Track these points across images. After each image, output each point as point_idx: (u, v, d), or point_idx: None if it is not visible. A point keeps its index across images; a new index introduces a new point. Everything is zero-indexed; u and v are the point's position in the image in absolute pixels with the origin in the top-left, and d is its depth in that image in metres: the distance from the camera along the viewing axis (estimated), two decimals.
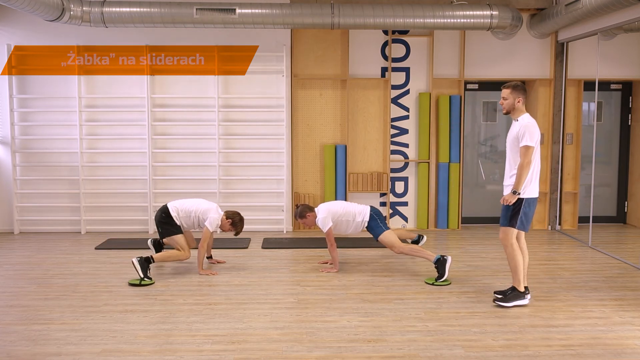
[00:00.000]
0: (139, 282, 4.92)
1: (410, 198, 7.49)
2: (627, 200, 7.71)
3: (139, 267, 4.93)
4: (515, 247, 4.38)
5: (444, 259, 5.00)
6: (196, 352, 3.55)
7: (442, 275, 4.98)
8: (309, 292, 4.78)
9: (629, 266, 5.61)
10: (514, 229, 4.35)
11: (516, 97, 4.35)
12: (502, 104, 4.41)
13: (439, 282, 4.97)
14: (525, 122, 4.28)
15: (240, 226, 5.41)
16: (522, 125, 4.27)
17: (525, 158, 4.22)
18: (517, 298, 4.39)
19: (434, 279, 5.03)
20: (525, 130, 4.23)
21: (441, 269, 4.99)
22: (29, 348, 3.61)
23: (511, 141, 4.36)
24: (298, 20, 6.37)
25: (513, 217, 4.33)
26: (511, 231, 4.36)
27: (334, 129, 7.31)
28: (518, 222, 4.33)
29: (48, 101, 7.08)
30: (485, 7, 6.51)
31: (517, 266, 4.38)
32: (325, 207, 5.40)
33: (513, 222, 4.34)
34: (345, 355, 3.52)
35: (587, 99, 7.46)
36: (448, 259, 5.01)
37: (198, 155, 7.20)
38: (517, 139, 4.28)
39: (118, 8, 6.25)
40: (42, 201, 7.17)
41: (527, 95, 4.47)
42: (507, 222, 4.37)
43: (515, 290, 4.41)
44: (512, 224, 4.35)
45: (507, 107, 4.38)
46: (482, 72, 7.32)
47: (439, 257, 5.03)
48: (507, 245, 4.39)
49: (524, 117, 4.34)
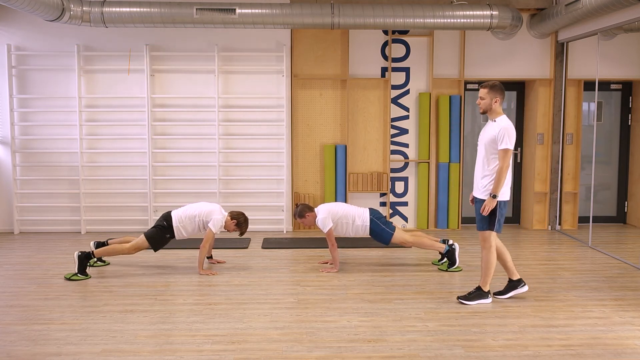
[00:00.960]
0: (69, 276, 5.03)
1: (410, 198, 7.49)
2: (627, 200, 7.71)
3: (77, 262, 5.05)
4: (493, 249, 4.41)
5: (453, 248, 5.35)
6: (196, 352, 3.55)
7: (453, 263, 5.38)
8: (309, 292, 4.78)
9: (629, 266, 5.61)
10: (492, 232, 4.37)
11: (493, 97, 4.32)
12: (479, 103, 4.37)
13: (452, 269, 5.34)
14: (505, 124, 4.24)
15: (245, 226, 5.41)
16: (501, 128, 4.22)
17: (505, 161, 4.19)
18: (481, 297, 4.44)
19: (446, 265, 5.37)
20: (505, 133, 4.20)
21: (452, 258, 5.35)
22: (29, 348, 3.61)
23: (487, 142, 4.30)
24: (298, 20, 6.37)
25: (491, 221, 4.33)
26: (490, 234, 4.37)
27: (334, 129, 7.31)
28: (496, 225, 4.34)
29: (48, 101, 7.08)
30: (485, 7, 6.51)
31: (491, 268, 4.42)
32: (325, 208, 5.40)
33: (492, 226, 4.34)
34: (345, 355, 3.52)
35: (587, 99, 7.46)
36: (456, 246, 5.38)
37: (198, 155, 7.20)
38: (495, 141, 4.24)
39: (118, 8, 6.25)
40: (42, 201, 7.17)
41: (504, 96, 4.40)
42: (486, 226, 4.35)
43: (480, 290, 4.46)
44: (491, 228, 4.35)
45: (484, 106, 4.35)
46: (482, 72, 7.32)
47: (448, 248, 5.36)
48: (487, 248, 4.39)
49: (503, 119, 4.30)
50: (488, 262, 4.41)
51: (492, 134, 4.28)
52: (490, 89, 4.33)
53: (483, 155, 4.36)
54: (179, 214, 5.32)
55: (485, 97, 4.34)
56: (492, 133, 4.28)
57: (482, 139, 4.38)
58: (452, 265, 5.38)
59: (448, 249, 5.38)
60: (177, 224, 5.27)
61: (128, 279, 5.10)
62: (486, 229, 4.36)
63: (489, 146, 4.30)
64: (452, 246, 5.40)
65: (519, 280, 4.61)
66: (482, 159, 4.37)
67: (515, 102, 7.68)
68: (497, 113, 4.34)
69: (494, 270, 4.45)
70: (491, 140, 4.28)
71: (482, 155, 4.38)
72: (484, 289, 4.46)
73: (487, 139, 4.31)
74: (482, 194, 4.37)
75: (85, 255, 5.09)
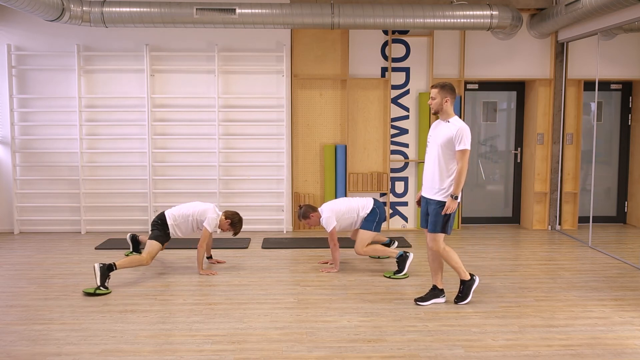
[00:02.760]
0: (94, 290, 4.66)
1: (410, 198, 7.49)
2: (627, 200, 7.71)
3: (99, 274, 4.69)
4: (448, 249, 4.41)
5: (406, 255, 5.25)
6: (196, 352, 3.56)
7: (401, 270, 5.23)
8: (309, 292, 4.78)
9: (629, 266, 5.61)
10: (443, 235, 4.36)
11: (444, 97, 4.26)
12: (431, 103, 4.33)
13: (397, 275, 5.19)
14: (460, 124, 4.20)
15: (238, 227, 5.40)
16: (458, 129, 4.17)
17: (465, 162, 4.16)
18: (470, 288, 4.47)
19: (392, 272, 5.26)
20: (462, 134, 4.16)
21: (402, 264, 5.23)
22: (29, 348, 3.61)
23: (443, 143, 4.23)
24: (298, 20, 6.37)
25: (446, 224, 4.32)
26: (442, 237, 4.36)
27: (334, 129, 7.31)
28: (449, 227, 4.35)
29: (48, 101, 7.08)
30: (485, 7, 6.51)
31: (457, 260, 4.43)
32: (329, 207, 5.42)
33: (446, 228, 4.33)
34: (345, 355, 3.52)
35: (587, 99, 7.46)
36: (410, 255, 5.26)
37: (198, 155, 7.20)
38: (451, 142, 4.19)
39: (118, 8, 6.25)
40: (42, 201, 7.17)
41: (455, 96, 4.33)
42: (440, 229, 4.32)
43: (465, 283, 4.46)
44: (444, 230, 4.33)
45: (435, 107, 4.30)
46: (482, 72, 7.33)
47: (402, 253, 5.27)
48: (439, 249, 4.37)
49: (456, 120, 4.26)
50: (452, 261, 4.41)
51: (447, 135, 4.21)
52: (441, 88, 4.27)
53: (436, 156, 4.29)
54: (172, 213, 5.32)
55: (436, 97, 4.29)
56: (447, 134, 4.21)
57: (436, 140, 4.30)
58: (399, 272, 5.20)
59: (401, 254, 5.25)
60: (171, 223, 5.27)
61: (128, 279, 5.10)
62: (439, 231, 4.33)
63: (445, 147, 4.24)
64: (407, 253, 5.26)
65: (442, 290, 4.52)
66: (435, 159, 4.30)
67: (515, 102, 7.68)
68: (448, 114, 4.29)
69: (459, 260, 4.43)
70: (447, 141, 4.21)
71: (434, 155, 4.30)
72: (467, 278, 4.45)
73: (442, 140, 4.24)
74: (437, 194, 4.30)
75: (107, 266, 4.77)
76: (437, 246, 4.37)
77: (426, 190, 4.42)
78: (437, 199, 4.31)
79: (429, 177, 4.37)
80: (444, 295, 4.51)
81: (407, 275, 5.21)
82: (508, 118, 7.75)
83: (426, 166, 4.41)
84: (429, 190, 4.39)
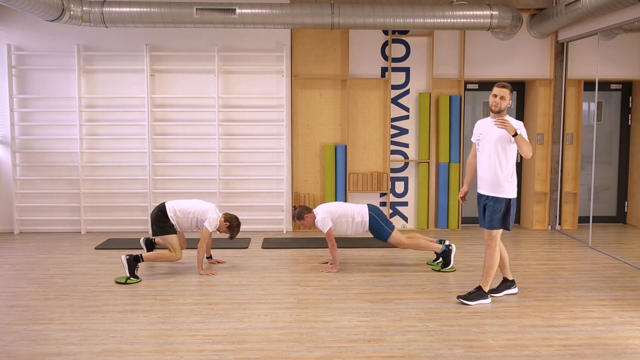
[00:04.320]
0: (125, 280, 4.96)
1: (410, 198, 7.49)
2: (627, 200, 7.71)
3: (127, 266, 4.97)
4: (498, 249, 4.43)
5: (449, 249, 5.35)
6: (196, 352, 3.56)
7: (447, 263, 5.39)
8: (309, 292, 4.78)
9: (629, 266, 5.61)
10: (500, 231, 4.39)
11: (510, 98, 4.39)
12: (499, 103, 4.36)
13: (445, 269, 5.38)
14: (513, 120, 4.32)
15: (236, 231, 5.40)
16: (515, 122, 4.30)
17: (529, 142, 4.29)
18: (481, 298, 4.44)
19: (439, 266, 5.38)
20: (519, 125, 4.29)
21: (447, 258, 5.36)
22: (29, 348, 3.61)
23: (498, 140, 4.31)
24: (298, 20, 6.37)
25: (505, 219, 4.35)
26: (498, 233, 4.39)
27: (334, 129, 7.31)
28: (509, 223, 4.38)
29: (48, 101, 7.08)
30: (485, 7, 6.51)
31: (494, 268, 4.43)
32: (323, 208, 5.41)
33: (506, 224, 4.37)
34: (345, 355, 3.52)
35: (587, 99, 7.46)
36: (453, 247, 5.37)
37: (198, 155, 7.20)
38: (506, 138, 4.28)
39: (118, 8, 6.25)
40: (42, 201, 7.17)
41: None
42: (497, 225, 4.36)
43: (480, 289, 4.46)
44: (504, 226, 4.37)
45: (503, 106, 4.37)
46: (482, 72, 7.33)
47: (444, 248, 5.36)
48: (492, 247, 4.40)
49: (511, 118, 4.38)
50: (492, 261, 4.42)
51: (503, 132, 4.29)
52: (511, 91, 4.40)
53: (490, 153, 4.36)
54: (173, 207, 5.32)
55: (506, 98, 4.37)
56: (502, 130, 4.29)
57: (489, 137, 4.37)
58: (446, 266, 5.38)
59: (444, 249, 5.38)
60: (171, 215, 5.27)
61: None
62: (496, 227, 4.37)
63: (500, 143, 4.32)
64: (449, 247, 5.40)
65: (512, 280, 4.69)
66: (489, 156, 4.37)
67: (515, 102, 7.67)
68: (504, 113, 4.43)
69: (495, 268, 4.45)
70: (502, 137, 4.30)
71: (489, 153, 4.37)
72: (485, 289, 4.46)
73: (496, 137, 4.32)
74: (494, 191, 4.36)
75: (135, 257, 5.02)
76: (490, 241, 4.40)
77: (482, 187, 4.48)
78: (494, 195, 4.36)
79: (484, 174, 4.43)
80: (515, 286, 4.66)
81: (454, 268, 5.38)
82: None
83: (480, 164, 4.47)
84: (485, 188, 4.45)
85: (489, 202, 4.41)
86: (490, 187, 4.39)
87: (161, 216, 5.28)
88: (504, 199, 4.34)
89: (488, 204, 4.41)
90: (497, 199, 4.35)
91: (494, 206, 4.36)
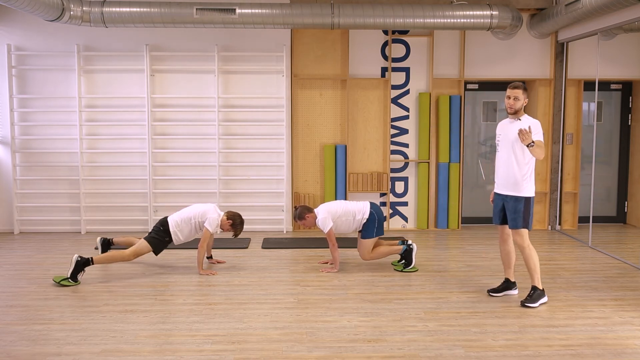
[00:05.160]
0: (59, 280, 4.84)
1: (410, 198, 7.49)
2: (627, 200, 7.71)
3: (73, 266, 4.86)
4: (532, 246, 4.44)
5: (410, 248, 5.33)
6: (196, 352, 3.56)
7: (409, 263, 5.35)
8: (309, 292, 4.78)
9: (629, 266, 5.61)
10: (527, 230, 4.42)
11: (525, 98, 4.42)
12: (514, 104, 4.39)
13: (407, 269, 5.33)
14: (532, 120, 4.37)
15: (240, 228, 5.40)
16: (532, 124, 4.30)
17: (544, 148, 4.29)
18: (541, 297, 4.45)
19: (401, 266, 5.36)
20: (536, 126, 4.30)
21: (408, 258, 5.33)
22: (29, 348, 3.61)
23: (517, 140, 4.33)
24: (298, 20, 6.37)
25: (526, 218, 4.39)
26: (526, 232, 4.42)
27: (334, 129, 7.31)
28: (530, 223, 4.43)
29: (48, 101, 7.08)
30: (485, 7, 6.51)
31: (537, 265, 4.44)
32: (324, 208, 5.40)
33: (526, 223, 4.40)
34: (345, 355, 3.52)
35: (587, 99, 7.46)
36: (414, 247, 5.34)
37: (198, 155, 7.20)
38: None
39: (118, 8, 6.25)
40: (42, 201, 7.17)
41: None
42: (522, 224, 4.40)
43: (536, 289, 4.45)
44: (526, 225, 4.40)
45: (519, 107, 4.41)
46: (482, 72, 7.33)
47: (405, 247, 5.34)
48: (525, 247, 4.41)
49: (527, 117, 4.43)
50: (532, 261, 4.43)
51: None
52: (524, 90, 4.41)
53: (509, 153, 4.41)
54: (175, 219, 5.31)
55: (521, 98, 4.40)
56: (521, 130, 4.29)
57: (508, 137, 4.42)
58: (407, 266, 5.35)
59: (406, 249, 5.35)
60: (174, 229, 5.26)
61: (128, 279, 5.10)
62: (521, 226, 4.40)
63: (517, 144, 4.35)
64: (410, 246, 5.36)
65: (514, 282, 4.69)
66: (508, 156, 4.42)
67: None
68: (521, 113, 4.45)
69: (538, 264, 4.45)
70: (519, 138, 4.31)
71: (507, 153, 4.43)
72: (539, 287, 4.46)
73: (514, 137, 4.36)
74: (513, 190, 4.40)
75: (84, 261, 4.91)
76: (522, 242, 4.41)
77: (501, 187, 4.52)
78: (513, 194, 4.41)
79: (503, 174, 4.48)
80: (515, 287, 4.67)
81: (416, 268, 5.33)
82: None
83: (499, 164, 4.52)
84: (504, 187, 4.49)
85: (508, 202, 4.45)
86: (509, 187, 4.44)
87: (162, 232, 5.27)
88: (522, 198, 4.39)
89: (508, 204, 4.46)
90: (517, 197, 4.40)
91: (515, 205, 4.40)
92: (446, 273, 5.35)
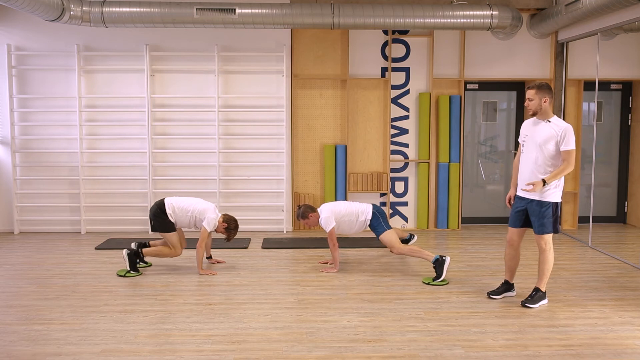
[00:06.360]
0: (124, 273, 5.19)
1: (410, 198, 7.49)
2: (627, 200, 7.71)
3: (127, 259, 5.21)
4: (552, 251, 4.39)
5: (443, 259, 5.01)
6: (196, 352, 3.56)
7: (439, 275, 5.00)
8: (309, 292, 4.78)
9: (629, 266, 5.61)
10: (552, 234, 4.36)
11: (542, 97, 4.26)
12: (528, 105, 4.32)
13: (436, 282, 4.98)
14: (564, 125, 4.21)
15: (233, 233, 5.40)
16: (562, 129, 4.18)
17: (572, 163, 4.16)
18: (542, 299, 4.44)
19: (431, 278, 5.05)
20: (566, 134, 4.16)
21: (439, 269, 5.01)
22: (29, 348, 3.61)
23: (543, 143, 4.22)
24: (298, 20, 6.37)
25: (555, 223, 4.32)
26: (551, 236, 4.36)
27: (334, 129, 7.31)
28: (558, 226, 4.39)
29: (48, 101, 7.08)
30: (485, 7, 6.51)
31: (549, 270, 4.42)
32: (328, 207, 5.41)
33: (556, 227, 4.34)
34: (345, 355, 3.52)
35: (587, 99, 7.46)
36: (447, 259, 5.02)
37: (198, 155, 7.20)
38: (552, 142, 4.19)
39: (118, 8, 6.25)
40: (42, 201, 7.17)
41: (553, 95, 4.36)
42: (550, 229, 4.32)
43: (539, 291, 4.45)
44: (555, 230, 4.34)
45: (534, 107, 4.29)
46: (482, 72, 7.33)
47: (438, 257, 5.04)
48: (547, 250, 4.36)
49: (558, 120, 4.28)
50: (549, 264, 4.38)
51: (548, 135, 4.22)
52: (538, 89, 4.27)
53: (536, 157, 4.28)
54: (172, 204, 5.32)
55: (534, 98, 4.28)
56: (548, 134, 4.22)
57: (534, 139, 4.29)
58: (437, 278, 4.99)
59: (437, 258, 5.03)
60: (169, 212, 5.27)
61: (128, 279, 5.11)
62: (550, 231, 4.32)
63: (544, 147, 4.23)
64: (443, 257, 5.03)
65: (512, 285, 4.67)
66: (534, 159, 4.29)
67: (515, 102, 7.67)
68: (548, 113, 4.30)
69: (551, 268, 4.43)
70: (548, 141, 4.22)
71: (533, 155, 4.29)
72: (542, 290, 4.45)
73: (541, 140, 4.24)
74: (538, 194, 4.28)
75: (134, 252, 5.26)
76: (545, 246, 4.35)
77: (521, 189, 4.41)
78: (538, 199, 4.29)
79: (527, 177, 4.33)
80: (513, 289, 4.66)
81: (446, 282, 4.99)
82: (508, 118, 7.75)
83: (523, 166, 4.39)
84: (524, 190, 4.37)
85: (533, 206, 4.33)
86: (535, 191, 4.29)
87: (159, 213, 5.28)
88: (549, 203, 4.27)
89: (532, 208, 4.34)
90: (542, 202, 4.27)
91: (541, 211, 4.28)
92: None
